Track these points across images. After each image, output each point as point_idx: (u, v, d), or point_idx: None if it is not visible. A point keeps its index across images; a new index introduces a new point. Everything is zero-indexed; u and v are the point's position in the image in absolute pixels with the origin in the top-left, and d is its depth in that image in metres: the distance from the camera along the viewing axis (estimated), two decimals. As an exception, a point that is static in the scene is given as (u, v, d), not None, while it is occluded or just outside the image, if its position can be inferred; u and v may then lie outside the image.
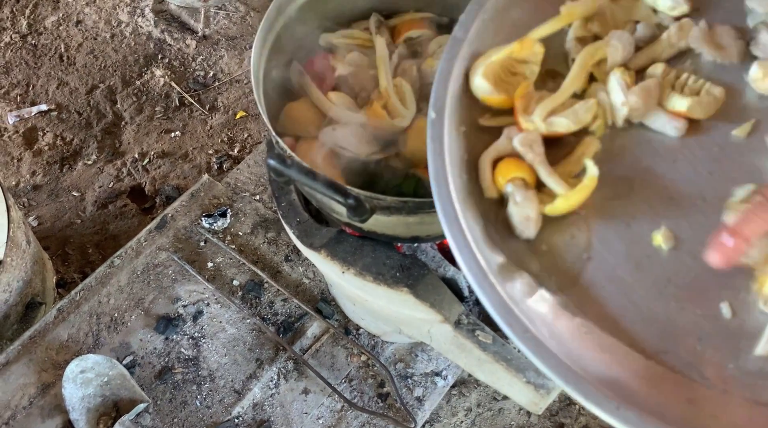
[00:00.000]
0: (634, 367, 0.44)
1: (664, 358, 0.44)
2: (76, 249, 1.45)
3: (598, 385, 0.42)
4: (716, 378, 0.43)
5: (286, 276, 1.15)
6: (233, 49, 1.75)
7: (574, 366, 0.43)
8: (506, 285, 0.48)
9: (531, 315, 0.46)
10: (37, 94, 1.70)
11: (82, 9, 1.86)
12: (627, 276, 0.48)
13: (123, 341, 1.08)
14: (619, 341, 0.45)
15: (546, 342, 0.44)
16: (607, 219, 0.52)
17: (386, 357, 1.08)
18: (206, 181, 1.24)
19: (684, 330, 0.45)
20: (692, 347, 0.44)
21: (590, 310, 0.47)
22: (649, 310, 0.47)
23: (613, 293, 0.48)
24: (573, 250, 0.51)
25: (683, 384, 0.43)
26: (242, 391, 1.04)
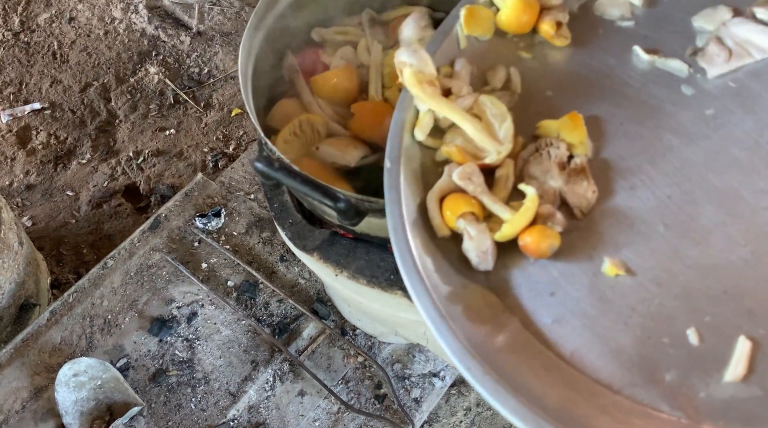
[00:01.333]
0: (601, 403, 0.43)
1: (632, 392, 0.43)
2: (71, 250, 1.44)
3: (559, 425, 0.41)
4: (687, 409, 0.41)
5: (282, 276, 1.13)
6: (228, 45, 1.74)
7: (535, 406, 0.42)
8: (468, 327, 0.47)
9: (490, 356, 0.45)
10: (30, 92, 1.68)
11: (75, 6, 1.84)
12: (591, 309, 0.47)
13: (116, 343, 1.07)
14: (585, 376, 0.44)
15: (504, 382, 0.43)
16: (567, 252, 0.51)
17: (383, 358, 1.07)
18: (200, 181, 1.23)
19: (651, 361, 0.44)
20: (661, 378, 0.43)
21: (554, 347, 0.46)
22: (615, 343, 0.45)
23: (578, 327, 0.47)
24: (535, 287, 0.50)
25: (652, 417, 0.42)
26: (237, 393, 1.03)
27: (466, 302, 0.49)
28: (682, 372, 0.43)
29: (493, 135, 0.55)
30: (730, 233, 0.48)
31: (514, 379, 0.44)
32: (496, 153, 0.54)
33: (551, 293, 0.49)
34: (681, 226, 0.49)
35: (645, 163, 0.54)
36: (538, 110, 0.59)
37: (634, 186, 0.52)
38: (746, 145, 0.53)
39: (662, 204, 0.51)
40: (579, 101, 0.59)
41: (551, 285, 0.49)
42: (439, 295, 0.49)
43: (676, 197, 0.51)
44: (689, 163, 0.53)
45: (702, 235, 0.48)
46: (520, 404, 0.42)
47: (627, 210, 0.51)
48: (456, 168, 0.54)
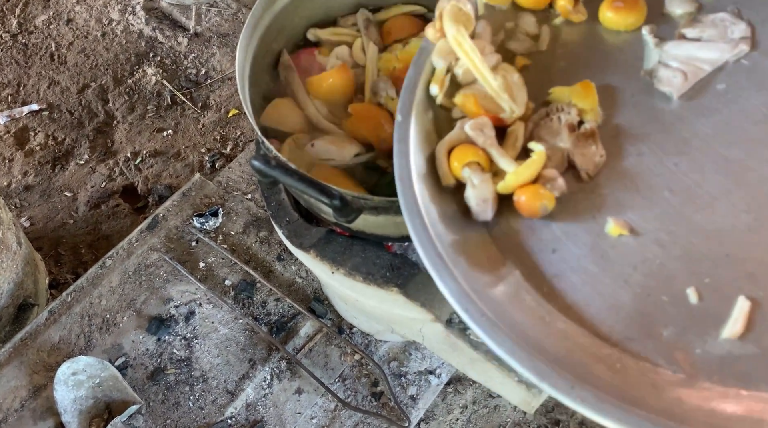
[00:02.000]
0: (597, 354, 0.44)
1: (629, 345, 0.44)
2: (69, 250, 1.45)
3: (555, 367, 0.41)
4: (684, 363, 0.42)
5: (279, 275, 1.14)
6: (225, 47, 1.74)
7: (531, 349, 0.43)
8: (468, 273, 0.48)
9: (489, 302, 0.46)
10: (28, 93, 1.69)
11: (73, 7, 1.84)
12: (592, 267, 0.48)
13: (115, 342, 1.07)
14: (582, 329, 0.45)
15: (502, 326, 0.44)
16: (571, 212, 0.52)
17: (380, 355, 1.08)
18: (197, 180, 1.23)
19: (650, 318, 0.45)
20: (658, 333, 0.44)
21: (554, 300, 0.47)
22: (615, 299, 0.46)
23: (578, 283, 0.48)
24: (537, 244, 0.51)
25: (648, 370, 0.43)
26: (235, 392, 1.03)
27: (468, 252, 0.50)
28: (680, 329, 0.44)
29: (512, 94, 0.57)
30: (734, 200, 0.49)
31: (512, 325, 0.44)
32: (511, 110, 0.56)
33: (553, 250, 0.50)
34: (686, 192, 0.50)
35: (654, 132, 0.55)
36: (551, 80, 0.60)
37: (641, 152, 0.53)
38: (756, 119, 0.54)
39: (669, 171, 0.52)
40: (592, 72, 0.60)
41: (553, 243, 0.50)
42: (442, 243, 0.49)
43: (683, 165, 0.52)
44: (698, 134, 0.54)
45: (707, 201, 0.49)
46: (516, 346, 0.43)
47: (633, 175, 0.52)
48: (469, 121, 0.56)
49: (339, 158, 0.72)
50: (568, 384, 0.41)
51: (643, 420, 0.39)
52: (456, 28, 0.58)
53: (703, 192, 0.50)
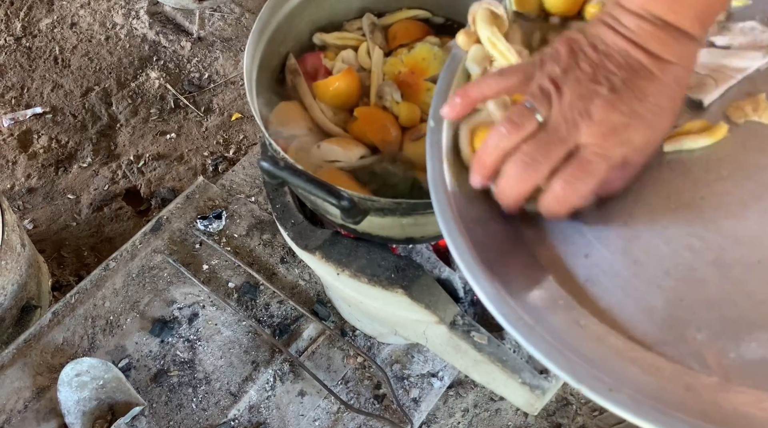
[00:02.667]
0: (630, 357, 0.44)
1: (663, 349, 0.44)
2: (72, 252, 1.45)
3: (591, 370, 0.42)
4: (717, 367, 0.43)
5: (282, 278, 1.15)
6: (228, 51, 1.75)
7: (568, 352, 0.43)
8: (505, 279, 0.48)
9: (526, 306, 0.47)
10: (32, 96, 1.70)
11: (77, 11, 1.85)
12: (624, 271, 0.49)
13: (118, 344, 1.08)
14: (616, 332, 0.46)
15: (539, 329, 0.45)
16: (604, 218, 0.52)
17: (382, 358, 1.08)
18: (201, 183, 1.24)
19: (683, 321, 0.45)
20: (692, 338, 0.44)
21: (587, 304, 0.48)
22: (648, 303, 0.47)
23: (611, 287, 0.48)
24: (570, 248, 0.51)
25: (682, 372, 0.43)
26: (238, 394, 1.04)
27: (503, 256, 0.50)
28: (713, 333, 0.44)
29: None
30: (765, 206, 0.49)
31: (549, 329, 0.45)
32: None
33: (585, 255, 0.50)
34: (717, 198, 0.50)
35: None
36: None
37: (672, 159, 0.54)
38: None
39: (700, 178, 0.52)
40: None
41: (585, 248, 0.50)
42: (477, 247, 0.49)
43: (713, 172, 0.52)
44: (730, 141, 0.54)
45: (737, 208, 0.49)
46: (554, 349, 0.43)
47: (665, 180, 0.53)
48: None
49: (345, 159, 0.72)
50: (605, 387, 0.41)
51: (680, 422, 0.39)
52: (490, 29, 0.59)
53: (734, 198, 0.50)
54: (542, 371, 0.80)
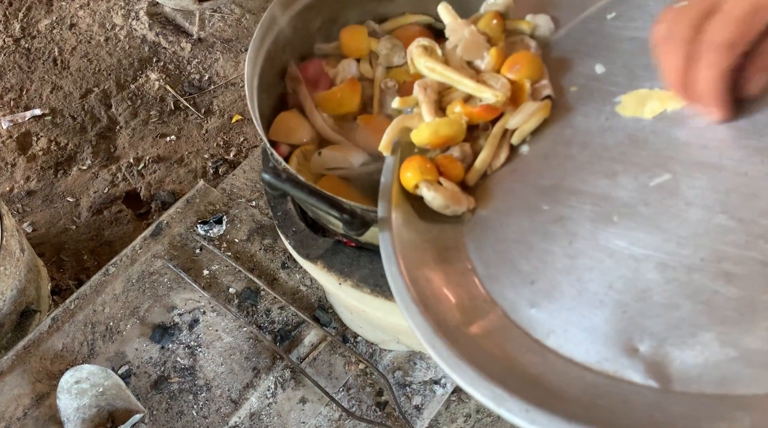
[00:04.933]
0: (565, 379, 0.44)
1: (604, 366, 0.44)
2: (71, 256, 1.44)
3: (513, 392, 0.41)
4: (660, 376, 0.42)
5: (283, 283, 1.14)
6: (229, 52, 1.74)
7: (492, 378, 0.43)
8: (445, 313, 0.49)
9: (463, 338, 0.47)
10: (31, 98, 1.69)
11: (76, 12, 1.84)
12: (568, 291, 0.49)
13: (118, 350, 1.07)
14: (557, 357, 0.45)
15: (465, 358, 0.44)
16: (548, 238, 0.53)
17: (384, 365, 1.08)
18: (201, 187, 1.23)
19: (625, 335, 0.45)
20: (634, 350, 0.44)
21: (534, 330, 0.48)
22: (590, 322, 0.46)
23: (555, 311, 0.48)
24: (517, 278, 0.52)
25: (620, 387, 0.43)
26: (239, 401, 1.03)
27: (448, 289, 0.52)
28: (657, 341, 0.43)
29: (490, 85, 0.65)
30: (708, 203, 0.48)
31: (480, 360, 0.45)
32: (495, 97, 0.62)
33: (531, 282, 0.50)
34: (659, 203, 0.50)
35: (628, 150, 0.55)
36: None
37: (615, 172, 0.53)
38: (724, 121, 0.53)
39: (642, 184, 0.52)
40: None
41: (532, 275, 0.50)
42: (418, 284, 0.51)
43: (656, 178, 0.52)
44: (672, 144, 0.53)
45: (681, 208, 0.49)
46: (474, 373, 0.43)
47: (605, 194, 0.52)
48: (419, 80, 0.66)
49: (347, 166, 0.71)
50: (522, 409, 0.41)
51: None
52: (424, 58, 0.67)
53: (678, 199, 0.49)
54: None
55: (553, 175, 0.57)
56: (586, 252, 0.50)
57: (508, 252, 0.53)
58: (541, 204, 0.55)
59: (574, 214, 0.53)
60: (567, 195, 0.54)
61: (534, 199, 0.56)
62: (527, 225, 0.54)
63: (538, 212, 0.54)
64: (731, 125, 0.51)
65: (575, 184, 0.54)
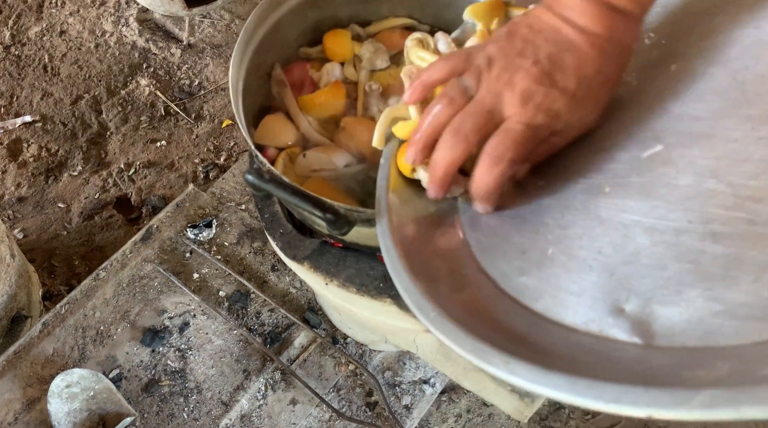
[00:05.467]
0: (550, 340, 0.45)
1: (589, 327, 0.44)
2: (63, 261, 1.45)
3: (495, 347, 0.42)
4: (645, 333, 0.43)
5: (273, 286, 1.14)
6: (218, 57, 1.75)
7: (475, 335, 0.43)
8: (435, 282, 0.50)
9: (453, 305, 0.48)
10: (21, 105, 1.69)
11: (66, 19, 1.85)
12: (559, 259, 0.50)
13: (109, 354, 1.07)
14: (545, 320, 0.46)
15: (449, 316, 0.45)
16: (540, 211, 0.54)
17: (374, 365, 1.08)
18: (191, 192, 1.24)
19: (611, 296, 0.45)
20: (619, 309, 0.44)
21: (523, 297, 0.49)
22: (578, 286, 0.47)
23: (544, 277, 0.49)
24: (509, 248, 0.53)
25: (605, 346, 0.43)
26: (230, 403, 1.04)
27: (439, 260, 0.53)
28: (642, 301, 0.44)
29: None
30: (699, 170, 0.49)
31: (465, 320, 0.45)
32: None
33: (522, 252, 0.51)
34: (651, 173, 0.50)
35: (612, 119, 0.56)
36: None
37: (608, 147, 0.54)
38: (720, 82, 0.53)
39: (634, 157, 0.52)
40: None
41: (522, 244, 0.52)
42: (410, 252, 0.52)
43: (649, 148, 0.52)
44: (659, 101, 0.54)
45: (672, 176, 0.49)
46: (456, 328, 0.44)
47: (600, 166, 0.53)
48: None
49: (331, 167, 0.72)
50: (503, 362, 0.42)
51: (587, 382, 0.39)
52: (417, 49, 0.69)
53: (669, 168, 0.50)
54: (532, 378, 0.80)
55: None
56: (577, 222, 0.51)
57: (501, 227, 0.54)
58: (536, 179, 0.56)
59: (567, 188, 0.54)
60: (560, 170, 0.55)
61: (529, 175, 0.57)
62: (521, 200, 0.55)
63: (533, 187, 0.56)
64: (723, 96, 0.51)
65: (569, 159, 0.55)
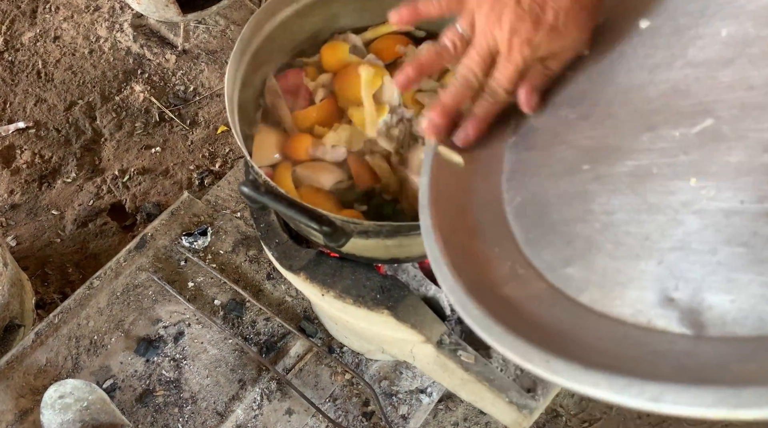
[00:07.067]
0: (596, 333, 0.44)
1: (638, 318, 0.43)
2: (56, 269, 1.43)
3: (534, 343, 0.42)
4: (694, 323, 0.41)
5: (268, 294, 1.14)
6: (213, 63, 1.74)
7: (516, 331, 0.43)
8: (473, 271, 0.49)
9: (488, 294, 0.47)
10: (15, 111, 1.68)
11: (60, 24, 1.84)
12: (607, 245, 0.48)
13: (103, 364, 1.06)
14: (590, 312, 0.45)
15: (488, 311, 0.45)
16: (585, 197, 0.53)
17: (370, 375, 1.08)
18: (186, 199, 1.23)
19: (661, 284, 0.44)
20: (669, 299, 0.43)
21: (565, 290, 0.48)
22: (625, 276, 0.46)
23: (589, 265, 0.48)
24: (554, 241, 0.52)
25: (652, 338, 0.42)
26: (225, 413, 1.03)
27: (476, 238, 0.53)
28: (692, 289, 0.42)
29: None
30: (751, 144, 0.47)
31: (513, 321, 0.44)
32: None
33: (568, 241, 0.50)
34: (702, 149, 0.49)
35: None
36: None
37: (656, 124, 0.54)
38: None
39: (684, 134, 0.51)
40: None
41: (569, 235, 0.50)
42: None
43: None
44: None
45: (722, 152, 0.48)
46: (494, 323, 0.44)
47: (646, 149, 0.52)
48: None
49: (318, 185, 0.72)
50: (544, 359, 0.41)
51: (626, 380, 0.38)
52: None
53: (719, 144, 0.48)
54: (529, 390, 0.80)
55: (593, 134, 0.56)
56: (623, 208, 0.49)
57: (546, 215, 0.53)
58: (581, 164, 0.54)
59: (613, 171, 0.52)
60: (607, 153, 0.54)
61: (574, 160, 0.55)
62: (567, 186, 0.54)
63: (578, 172, 0.54)
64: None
65: (615, 141, 0.54)
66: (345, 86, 0.75)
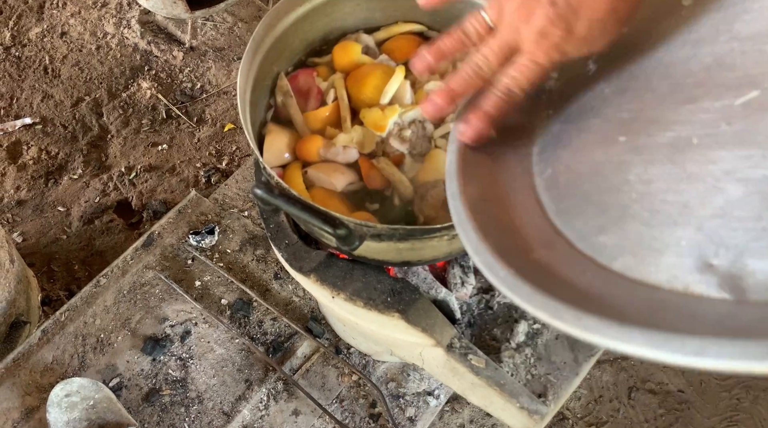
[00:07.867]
0: (629, 298, 0.43)
1: (674, 284, 0.42)
2: (62, 266, 1.43)
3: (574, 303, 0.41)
4: (735, 289, 0.40)
5: (276, 294, 1.13)
6: (221, 60, 1.74)
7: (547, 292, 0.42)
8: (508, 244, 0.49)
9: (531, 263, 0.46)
10: (21, 107, 1.67)
11: (67, 20, 1.83)
12: (643, 213, 0.47)
13: (109, 363, 1.06)
14: (626, 279, 0.44)
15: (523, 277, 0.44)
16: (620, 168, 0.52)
17: (378, 376, 1.07)
18: (193, 197, 1.22)
19: (699, 251, 0.42)
20: (708, 265, 0.41)
21: (597, 257, 0.47)
22: (662, 241, 0.45)
23: (623, 235, 0.47)
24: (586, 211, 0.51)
25: (693, 301, 0.41)
26: (231, 413, 1.02)
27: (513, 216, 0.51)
28: (734, 255, 0.41)
29: None
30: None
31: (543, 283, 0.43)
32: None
33: (602, 210, 0.49)
34: (746, 120, 0.48)
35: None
36: None
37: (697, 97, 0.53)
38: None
39: (727, 105, 0.50)
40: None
41: (603, 204, 0.49)
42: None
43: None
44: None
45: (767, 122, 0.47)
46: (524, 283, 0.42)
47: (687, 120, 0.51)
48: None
49: (330, 187, 0.71)
50: (576, 316, 0.40)
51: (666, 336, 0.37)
52: None
53: (765, 114, 0.47)
54: (540, 395, 0.79)
55: (631, 107, 0.55)
56: (662, 177, 0.48)
57: (579, 186, 0.52)
58: (618, 136, 0.53)
59: (651, 142, 0.51)
60: (645, 125, 0.52)
61: (610, 132, 0.54)
62: (602, 157, 0.53)
63: (614, 144, 0.53)
64: None
65: (654, 113, 0.53)
66: (358, 87, 0.74)
